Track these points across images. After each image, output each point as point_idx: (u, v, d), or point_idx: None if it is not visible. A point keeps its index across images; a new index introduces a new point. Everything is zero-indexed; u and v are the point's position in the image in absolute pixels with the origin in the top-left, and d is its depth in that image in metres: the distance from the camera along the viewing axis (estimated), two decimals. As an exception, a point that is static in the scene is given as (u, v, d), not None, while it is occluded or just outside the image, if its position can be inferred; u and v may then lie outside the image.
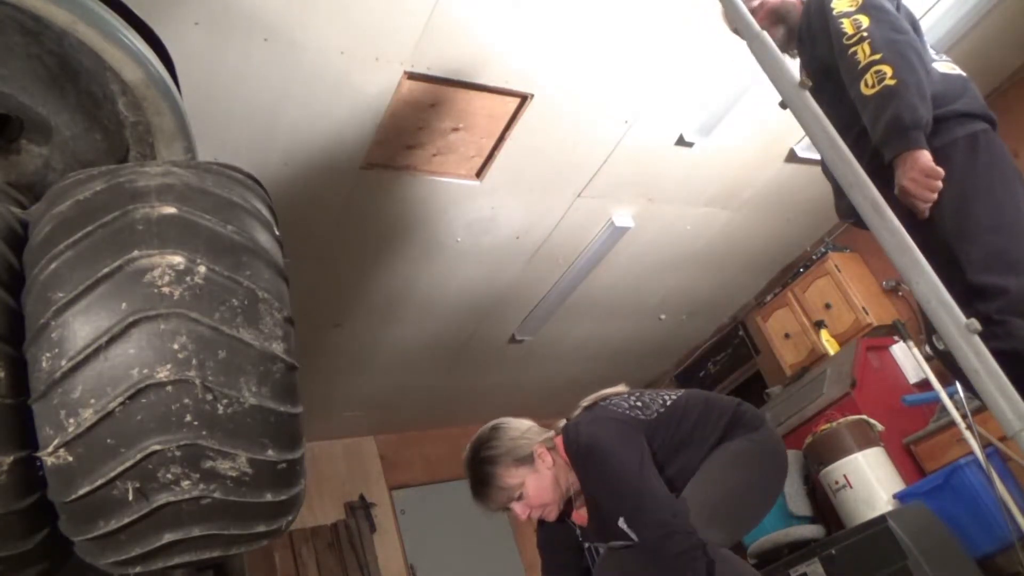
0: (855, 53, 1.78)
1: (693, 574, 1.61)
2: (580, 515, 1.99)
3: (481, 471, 1.91)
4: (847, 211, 1.80)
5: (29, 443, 0.91)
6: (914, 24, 1.92)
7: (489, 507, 1.94)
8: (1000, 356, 1.10)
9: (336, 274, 3.73)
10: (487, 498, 1.92)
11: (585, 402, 2.07)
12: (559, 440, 1.96)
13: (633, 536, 1.79)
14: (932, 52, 1.95)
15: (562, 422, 2.05)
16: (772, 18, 2.09)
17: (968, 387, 1.75)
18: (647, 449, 1.83)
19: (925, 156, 1.68)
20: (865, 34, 1.77)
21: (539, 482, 1.89)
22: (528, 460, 1.90)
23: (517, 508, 1.91)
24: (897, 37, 1.78)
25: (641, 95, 3.24)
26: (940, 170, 1.68)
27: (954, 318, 1.11)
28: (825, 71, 1.92)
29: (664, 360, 6.07)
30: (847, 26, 1.81)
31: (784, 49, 2.11)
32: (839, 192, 1.79)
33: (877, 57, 1.74)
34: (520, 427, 1.98)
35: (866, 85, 1.75)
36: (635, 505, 1.74)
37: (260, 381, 0.96)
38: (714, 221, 4.37)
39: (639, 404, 1.96)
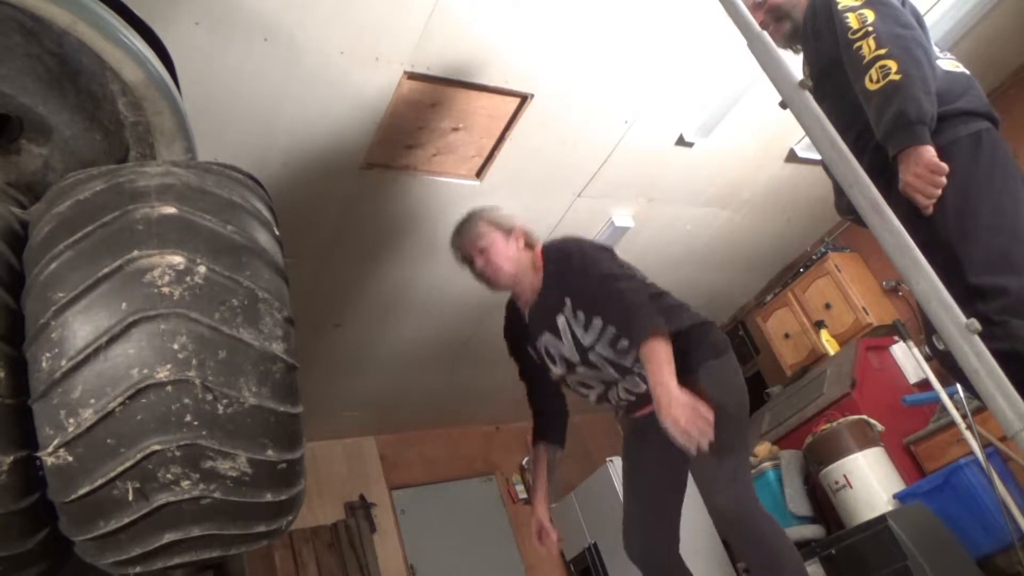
0: (860, 48, 1.76)
1: (650, 322, 1.92)
2: (524, 301, 2.31)
3: (468, 219, 2.29)
4: (847, 209, 1.79)
5: (29, 443, 0.91)
6: (919, 19, 1.90)
7: (458, 247, 2.29)
8: (1000, 356, 1.10)
9: (336, 274, 3.73)
10: (460, 236, 2.28)
11: None
12: (539, 245, 2.29)
13: (569, 334, 2.13)
14: (936, 49, 1.93)
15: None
16: (774, 15, 2.07)
17: (968, 387, 1.73)
18: None
19: (930, 151, 1.66)
20: (871, 28, 1.76)
21: (504, 248, 2.24)
22: (507, 231, 2.26)
23: (478, 259, 2.24)
24: (903, 32, 1.76)
25: (641, 95, 3.23)
26: (944, 165, 1.66)
27: (954, 318, 1.11)
28: (828, 68, 1.91)
29: (664, 360, 6.05)
30: (852, 20, 1.79)
31: (787, 45, 2.10)
32: (839, 189, 1.78)
33: (882, 52, 1.72)
34: (513, 215, 2.35)
35: (871, 80, 1.73)
36: (609, 290, 2.04)
37: (260, 381, 0.96)
38: (714, 221, 4.36)
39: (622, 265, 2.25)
